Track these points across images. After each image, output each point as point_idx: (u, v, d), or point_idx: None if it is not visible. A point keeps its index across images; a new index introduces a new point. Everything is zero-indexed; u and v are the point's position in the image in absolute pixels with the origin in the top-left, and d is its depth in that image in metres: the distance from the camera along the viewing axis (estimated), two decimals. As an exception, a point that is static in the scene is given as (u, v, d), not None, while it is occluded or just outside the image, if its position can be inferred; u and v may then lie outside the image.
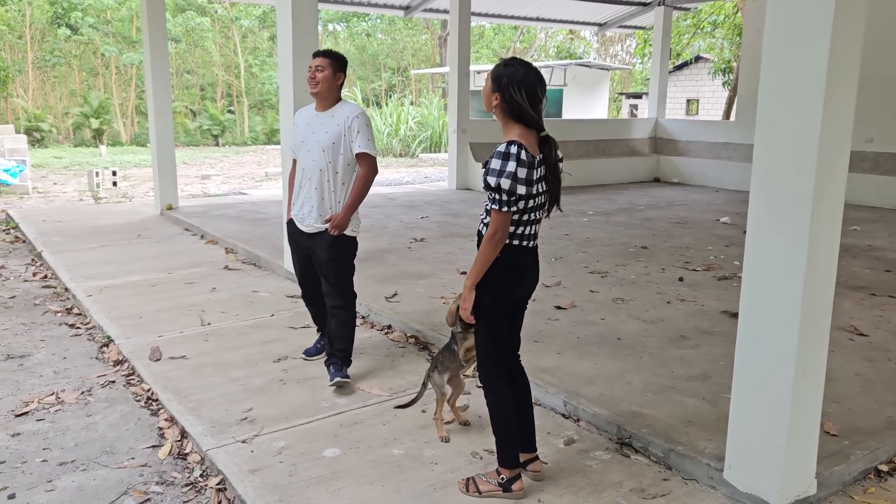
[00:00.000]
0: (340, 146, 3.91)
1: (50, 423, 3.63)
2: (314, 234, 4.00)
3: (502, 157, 2.62)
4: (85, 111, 27.43)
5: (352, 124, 3.90)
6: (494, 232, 2.68)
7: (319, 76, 3.90)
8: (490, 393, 2.90)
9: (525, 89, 2.65)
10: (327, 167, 3.93)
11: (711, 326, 4.85)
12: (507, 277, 2.78)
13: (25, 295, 6.00)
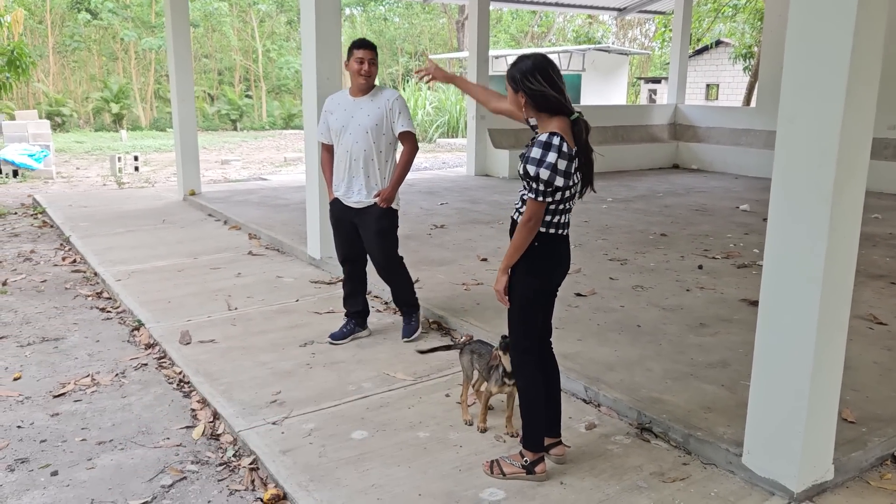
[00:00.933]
0: (383, 127, 4.28)
1: (87, 404, 3.77)
2: (362, 210, 4.36)
3: (543, 147, 2.67)
4: (105, 96, 27.68)
5: (392, 107, 4.29)
6: (529, 219, 2.75)
7: (373, 70, 4.26)
8: (521, 378, 2.99)
9: (539, 74, 2.73)
10: (372, 147, 4.28)
11: (731, 314, 4.90)
12: (544, 265, 2.85)
13: (56, 279, 6.15)
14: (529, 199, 2.74)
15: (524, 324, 2.95)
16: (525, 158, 2.73)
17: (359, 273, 4.63)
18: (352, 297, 4.64)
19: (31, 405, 3.75)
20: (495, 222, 8.06)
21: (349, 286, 4.65)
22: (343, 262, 4.62)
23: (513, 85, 2.80)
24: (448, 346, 3.97)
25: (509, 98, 2.89)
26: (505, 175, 11.92)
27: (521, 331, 2.96)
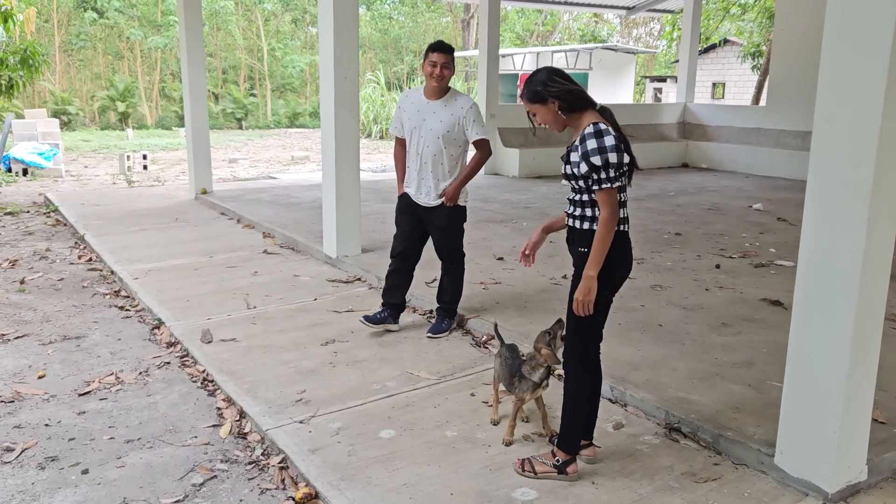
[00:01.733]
0: (454, 133, 4.34)
1: (113, 403, 3.77)
2: (432, 208, 4.46)
3: (595, 136, 2.67)
4: (111, 94, 27.70)
5: (467, 115, 4.33)
6: (611, 213, 2.70)
7: (447, 73, 4.27)
8: (571, 380, 2.96)
9: (555, 76, 2.79)
10: (442, 152, 4.36)
11: (752, 314, 4.89)
12: (609, 266, 2.79)
13: (73, 277, 6.15)
14: (602, 192, 2.68)
15: (585, 328, 2.91)
16: (582, 154, 2.68)
17: (407, 269, 4.71)
18: (393, 289, 4.72)
19: (57, 403, 3.75)
20: (508, 221, 8.05)
21: (394, 279, 4.71)
22: (396, 255, 4.69)
23: (538, 98, 2.81)
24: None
25: (540, 117, 2.87)
26: (515, 174, 11.91)
27: (582, 334, 2.93)
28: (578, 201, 2.83)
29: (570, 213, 2.87)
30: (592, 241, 2.77)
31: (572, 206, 2.86)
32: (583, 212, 2.82)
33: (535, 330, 4.51)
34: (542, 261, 6.26)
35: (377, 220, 7.79)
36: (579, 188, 2.80)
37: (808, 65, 11.93)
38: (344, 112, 6.02)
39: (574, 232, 2.87)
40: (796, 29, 12.15)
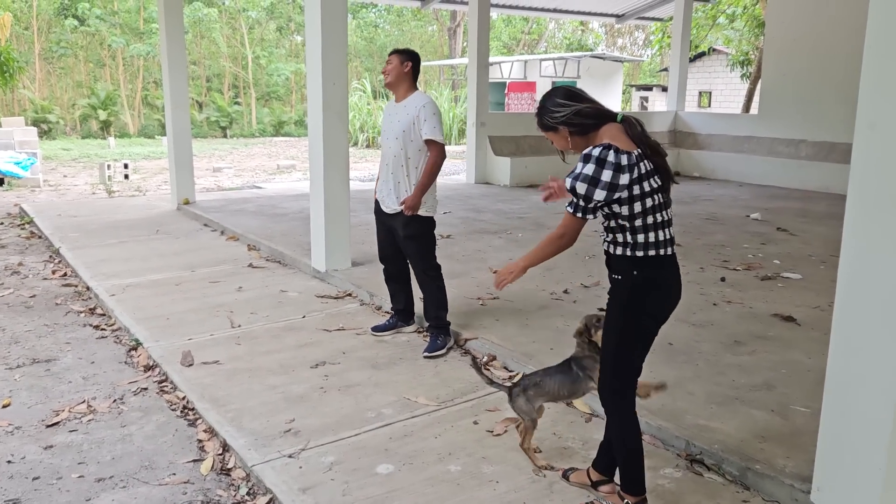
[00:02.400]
0: (411, 133, 4.26)
1: (83, 435, 3.46)
2: (394, 214, 4.40)
3: (583, 159, 2.45)
4: (92, 103, 27.25)
5: (419, 113, 4.23)
6: (561, 234, 2.57)
7: (387, 68, 4.33)
8: (612, 416, 2.70)
9: (559, 98, 2.57)
10: (401, 153, 4.29)
11: (764, 331, 4.65)
12: (648, 296, 2.54)
13: (46, 294, 5.82)
14: (566, 212, 2.51)
15: (617, 364, 2.64)
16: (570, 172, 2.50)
17: (397, 272, 4.68)
18: (394, 296, 4.76)
19: (22, 436, 3.43)
20: (503, 232, 7.79)
21: (390, 286, 4.77)
22: (381, 260, 4.73)
23: (550, 129, 2.59)
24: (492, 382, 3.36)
25: (557, 145, 2.64)
26: (506, 183, 11.67)
27: (613, 371, 2.65)
28: (606, 227, 2.57)
29: (604, 238, 2.62)
30: (628, 267, 2.53)
31: (603, 231, 2.61)
32: (613, 237, 2.56)
33: (539, 350, 4.28)
34: (541, 274, 6.01)
35: (367, 231, 7.47)
36: (605, 216, 2.54)
37: (801, 72, 11.83)
38: (332, 118, 5.74)
39: (609, 257, 2.62)
40: (788, 37, 12.04)
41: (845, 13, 11.21)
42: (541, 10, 14.76)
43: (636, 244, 2.51)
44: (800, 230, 8.00)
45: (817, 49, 11.58)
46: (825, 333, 4.56)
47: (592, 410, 3.60)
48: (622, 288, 2.57)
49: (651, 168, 2.46)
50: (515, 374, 4.05)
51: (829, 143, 11.57)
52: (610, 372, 2.67)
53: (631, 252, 2.52)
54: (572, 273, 6.03)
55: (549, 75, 21.46)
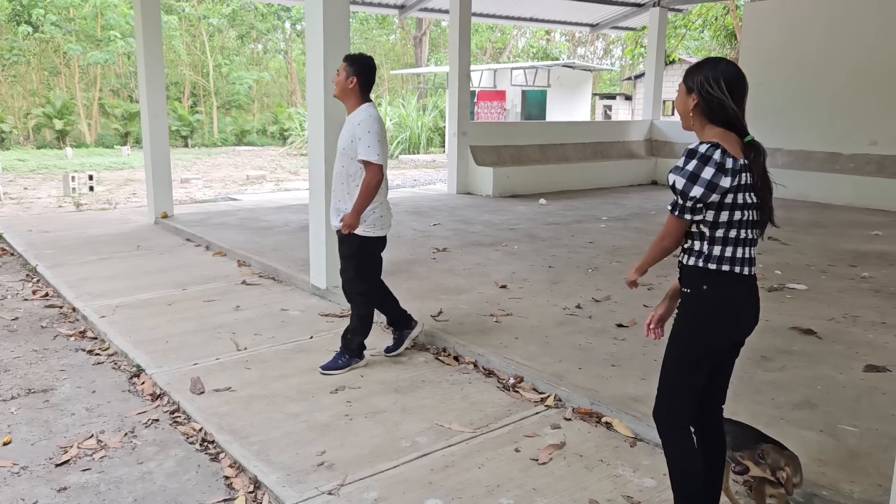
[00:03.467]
0: (349, 150, 4.07)
1: (98, 474, 3.19)
2: (337, 232, 4.24)
3: (687, 155, 2.28)
4: (48, 111, 26.40)
5: (356, 130, 4.02)
6: (663, 236, 2.41)
7: (336, 79, 4.11)
8: (669, 445, 2.51)
9: (725, 83, 2.29)
10: (342, 170, 4.13)
11: (787, 345, 4.59)
12: (717, 315, 2.37)
13: (29, 316, 5.48)
14: (669, 215, 2.36)
15: (679, 381, 2.46)
16: (674, 167, 2.33)
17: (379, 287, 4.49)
18: (381, 305, 4.55)
19: (30, 477, 3.16)
20: (498, 245, 7.66)
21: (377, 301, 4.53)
22: None
23: (689, 84, 2.36)
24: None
25: (678, 100, 2.43)
26: (489, 193, 11.55)
27: (673, 390, 2.48)
28: (687, 232, 2.39)
29: (683, 245, 2.44)
30: (698, 280, 2.36)
31: (686, 240, 2.43)
32: (690, 243, 2.38)
33: (567, 370, 4.14)
34: (549, 288, 5.90)
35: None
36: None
37: (776, 82, 11.98)
38: (335, 129, 5.52)
39: (681, 268, 2.44)
40: (763, 46, 12.19)
41: (821, 23, 11.40)
42: (518, 19, 14.74)
43: (710, 256, 2.34)
44: (790, 239, 8.04)
45: (793, 58, 11.75)
46: (848, 347, 4.57)
47: (636, 434, 3.47)
48: (691, 303, 2.40)
49: (748, 184, 2.31)
50: (547, 395, 3.91)
51: (806, 152, 11.74)
52: (670, 391, 2.49)
53: (703, 263, 2.35)
54: (580, 287, 5.92)
55: (520, 84, 21.48)
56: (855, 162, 11.13)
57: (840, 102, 11.24)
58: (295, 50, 36.07)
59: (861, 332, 4.83)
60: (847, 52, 11.10)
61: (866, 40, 10.89)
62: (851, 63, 11.06)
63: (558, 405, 3.83)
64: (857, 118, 11.05)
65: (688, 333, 2.43)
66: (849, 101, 11.13)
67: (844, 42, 11.13)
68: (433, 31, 34.90)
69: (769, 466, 2.47)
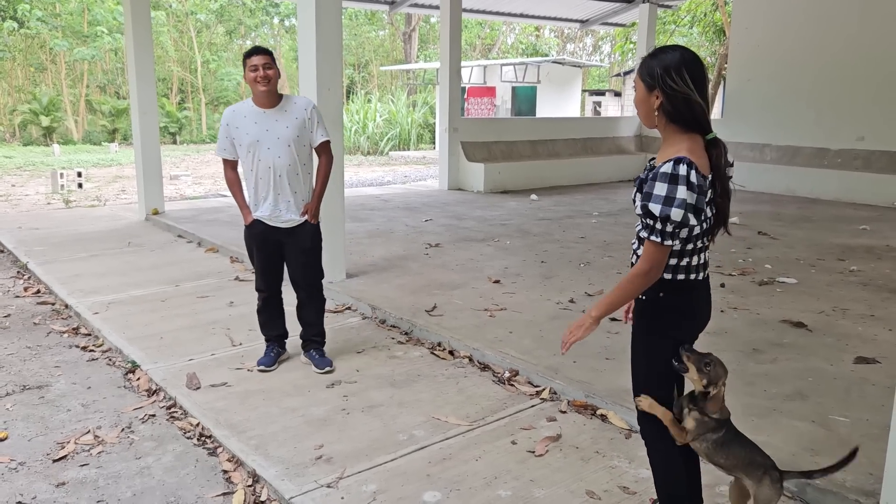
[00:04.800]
0: (304, 139, 4.03)
1: (96, 469, 3.20)
2: (293, 229, 4.10)
3: (670, 181, 2.11)
4: (34, 108, 26.19)
5: (311, 116, 4.05)
6: (649, 268, 2.19)
7: (270, 73, 3.90)
8: (655, 452, 2.50)
9: (687, 72, 2.16)
10: (296, 161, 4.02)
11: (778, 338, 4.64)
12: (681, 321, 2.34)
13: (21, 313, 5.46)
14: (650, 242, 2.17)
15: (653, 391, 2.42)
16: (646, 194, 2.17)
17: (278, 300, 4.35)
18: (273, 321, 4.38)
19: (28, 473, 3.16)
20: (490, 240, 7.68)
21: (269, 313, 4.36)
22: (266, 288, 4.28)
23: (648, 80, 2.22)
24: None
25: (638, 97, 2.29)
26: (480, 189, 11.58)
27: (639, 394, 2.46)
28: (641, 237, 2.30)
29: (634, 250, 2.37)
30: (654, 289, 2.28)
31: (636, 241, 2.35)
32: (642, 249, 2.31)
33: (562, 363, 4.17)
34: (542, 283, 5.93)
35: (352, 240, 7.30)
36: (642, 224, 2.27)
37: (765, 77, 12.07)
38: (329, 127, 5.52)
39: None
40: (752, 42, 12.27)
41: (809, 20, 11.48)
42: (509, 15, 14.76)
43: (666, 266, 2.26)
44: (779, 234, 8.11)
45: (781, 54, 11.83)
46: (838, 339, 4.63)
47: (630, 426, 3.51)
48: (647, 311, 2.35)
49: (710, 199, 2.24)
50: (542, 388, 3.94)
51: (794, 147, 11.83)
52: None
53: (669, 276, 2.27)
54: (572, 281, 5.96)
55: (510, 80, 21.50)
56: (842, 157, 11.23)
57: (827, 98, 11.33)
58: (283, 46, 35.93)
59: (850, 325, 4.89)
60: (834, 49, 11.19)
61: (853, 37, 10.99)
62: (839, 59, 11.15)
63: (553, 398, 3.86)
64: (845, 114, 11.14)
65: (648, 341, 2.39)
66: (836, 97, 11.23)
67: (832, 38, 11.22)
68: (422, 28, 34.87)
69: (708, 377, 2.33)
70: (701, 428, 2.37)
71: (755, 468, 2.42)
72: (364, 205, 10.16)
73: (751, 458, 2.43)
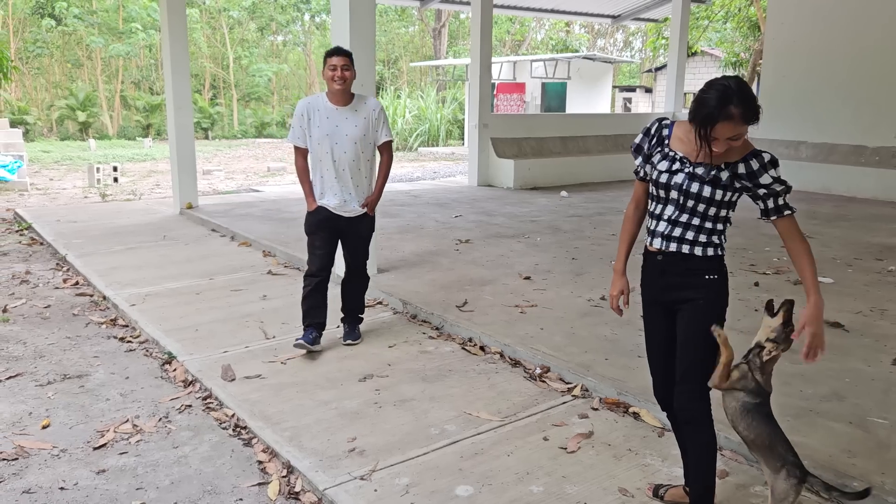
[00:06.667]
0: (369, 137, 4.37)
1: (135, 457, 3.27)
2: (354, 218, 4.44)
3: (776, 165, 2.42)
4: (70, 103, 26.70)
5: (378, 117, 4.39)
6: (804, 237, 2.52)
7: (347, 74, 4.23)
8: (702, 433, 2.55)
9: None
10: (360, 157, 4.36)
11: (814, 337, 4.57)
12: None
13: (61, 304, 5.58)
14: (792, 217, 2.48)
15: (708, 369, 2.51)
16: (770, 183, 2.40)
17: (326, 283, 4.56)
18: (316, 308, 4.49)
19: (70, 460, 3.24)
20: (520, 236, 7.67)
21: (316, 298, 4.49)
22: (317, 272, 4.49)
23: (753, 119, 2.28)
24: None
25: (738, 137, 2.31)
26: (509, 185, 11.56)
27: (704, 375, 2.52)
28: (707, 228, 2.48)
29: (684, 238, 2.49)
30: (719, 267, 2.53)
31: (692, 232, 2.48)
32: (709, 239, 2.50)
33: (594, 361, 4.16)
34: (573, 280, 5.92)
35: (383, 236, 7.33)
36: (714, 216, 2.46)
37: (801, 74, 11.87)
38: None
39: (693, 259, 2.50)
40: (788, 38, 12.09)
41: (845, 15, 11.27)
42: (540, 11, 14.70)
43: (723, 245, 2.54)
44: (815, 232, 7.98)
45: (817, 50, 11.63)
46: (877, 340, 4.55)
47: (664, 424, 3.49)
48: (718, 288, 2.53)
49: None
50: (573, 385, 3.93)
51: (830, 145, 11.63)
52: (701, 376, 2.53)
53: (721, 252, 2.53)
54: (603, 279, 5.93)
55: (540, 76, 21.40)
56: (880, 155, 11.01)
57: (865, 95, 11.12)
58: (314, 42, 36.16)
59: (889, 326, 4.81)
60: (872, 44, 10.97)
61: (891, 32, 10.76)
62: (876, 55, 10.93)
63: (585, 395, 3.85)
64: (882, 110, 10.93)
65: (715, 317, 2.51)
66: (874, 93, 11.01)
67: (869, 33, 11.00)
68: (452, 24, 34.86)
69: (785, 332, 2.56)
70: (741, 382, 2.45)
71: (774, 457, 2.43)
72: (394, 200, 10.20)
73: (771, 444, 2.45)
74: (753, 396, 2.44)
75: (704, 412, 2.55)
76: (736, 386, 2.45)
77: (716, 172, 2.41)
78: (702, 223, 2.47)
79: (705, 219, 2.47)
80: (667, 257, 2.52)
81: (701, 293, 2.51)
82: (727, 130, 2.27)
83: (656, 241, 2.53)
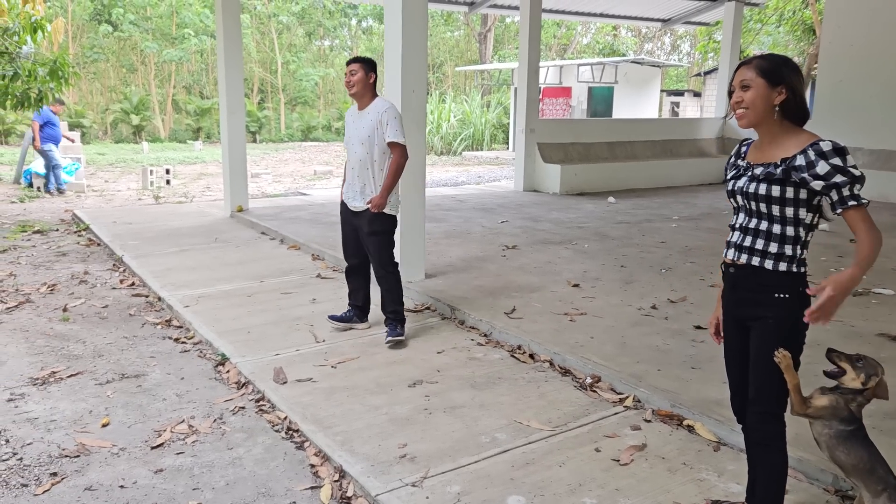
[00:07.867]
0: (375, 138, 4.55)
1: (192, 458, 3.33)
2: (359, 213, 4.68)
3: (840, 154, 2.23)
4: (125, 107, 27.42)
5: (381, 118, 4.54)
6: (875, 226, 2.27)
7: (353, 79, 4.57)
8: (774, 454, 2.49)
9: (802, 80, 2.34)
10: (367, 157, 4.59)
11: (875, 352, 4.43)
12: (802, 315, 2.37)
13: (117, 304, 5.73)
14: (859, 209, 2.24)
15: (782, 389, 2.44)
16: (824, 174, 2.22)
17: (359, 269, 4.94)
18: (354, 292, 5.00)
19: (128, 458, 3.31)
20: (567, 243, 7.62)
21: (352, 282, 5.00)
22: (347, 259, 4.97)
23: (774, 78, 2.27)
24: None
25: (754, 94, 2.29)
26: (556, 191, 11.50)
27: (778, 395, 2.45)
28: (777, 235, 2.35)
29: (755, 249, 2.39)
30: (793, 284, 2.37)
31: (762, 240, 2.37)
32: (780, 249, 2.35)
33: (645, 371, 4.10)
34: (622, 288, 5.85)
35: (429, 241, 7.35)
36: (781, 218, 2.34)
37: (858, 79, 11.55)
38: (411, 128, 5.59)
39: (762, 274, 2.38)
40: (845, 42, 11.77)
41: (907, 18, 10.93)
42: (588, 15, 14.60)
43: (800, 260, 2.37)
44: (873, 242, 7.74)
45: (875, 54, 11.30)
46: (943, 356, 4.39)
47: (719, 438, 3.42)
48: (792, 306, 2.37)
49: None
50: (625, 396, 3.89)
51: (888, 152, 11.28)
52: (774, 395, 2.46)
53: (797, 268, 2.36)
54: (653, 287, 5.85)
55: (587, 80, 21.25)
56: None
57: (927, 100, 10.77)
58: (360, 47, 36.49)
59: (954, 341, 4.64)
60: (936, 48, 10.62)
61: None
62: (941, 59, 10.58)
63: (637, 406, 3.80)
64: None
65: (785, 338, 2.42)
66: (937, 98, 10.65)
67: (933, 37, 10.65)
68: (497, 28, 34.83)
69: (864, 372, 2.46)
70: (832, 412, 2.39)
71: (875, 480, 2.36)
72: (440, 205, 10.23)
73: (872, 467, 2.38)
74: (847, 424, 2.38)
75: (776, 434, 2.48)
76: (823, 415, 2.38)
77: (771, 169, 2.34)
78: (770, 227, 2.36)
79: (773, 222, 2.36)
80: (738, 270, 2.46)
81: (771, 311, 2.40)
82: (740, 75, 2.32)
83: (729, 253, 2.48)
